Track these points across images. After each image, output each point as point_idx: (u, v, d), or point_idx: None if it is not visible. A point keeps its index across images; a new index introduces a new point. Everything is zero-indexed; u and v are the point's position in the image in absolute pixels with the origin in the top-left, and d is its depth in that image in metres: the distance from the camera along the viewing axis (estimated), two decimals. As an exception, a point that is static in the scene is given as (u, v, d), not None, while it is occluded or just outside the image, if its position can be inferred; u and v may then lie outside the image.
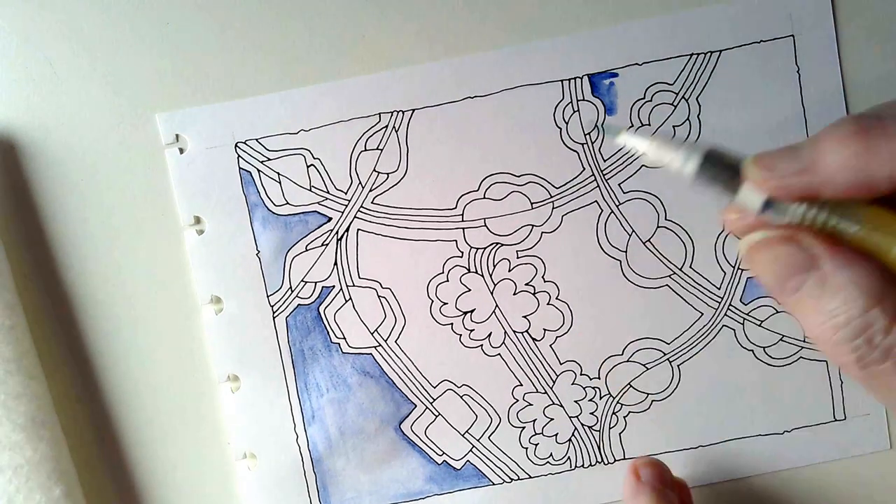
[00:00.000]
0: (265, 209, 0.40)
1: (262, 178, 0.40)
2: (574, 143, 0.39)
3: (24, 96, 0.39)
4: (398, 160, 0.40)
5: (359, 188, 0.40)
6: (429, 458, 0.41)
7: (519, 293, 0.40)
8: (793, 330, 0.40)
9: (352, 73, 0.39)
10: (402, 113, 0.39)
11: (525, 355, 0.40)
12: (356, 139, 0.40)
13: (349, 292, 0.40)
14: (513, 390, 0.41)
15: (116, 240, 0.40)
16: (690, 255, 0.40)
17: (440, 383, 0.41)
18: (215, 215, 0.40)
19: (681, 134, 0.39)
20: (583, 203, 0.40)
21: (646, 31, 0.39)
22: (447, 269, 0.40)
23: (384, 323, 0.40)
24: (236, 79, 0.39)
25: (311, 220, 0.40)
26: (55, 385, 0.40)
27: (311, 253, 0.40)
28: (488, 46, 0.39)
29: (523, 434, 0.41)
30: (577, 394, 0.41)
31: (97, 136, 0.39)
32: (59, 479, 0.38)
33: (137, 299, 0.40)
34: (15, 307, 0.38)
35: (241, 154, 0.39)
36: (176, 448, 0.41)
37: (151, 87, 0.39)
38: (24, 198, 0.39)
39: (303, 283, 0.40)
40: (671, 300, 0.40)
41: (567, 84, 0.39)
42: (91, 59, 0.39)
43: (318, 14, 0.39)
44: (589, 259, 0.40)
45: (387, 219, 0.40)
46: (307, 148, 0.39)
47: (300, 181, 0.40)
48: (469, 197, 0.40)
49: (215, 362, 0.40)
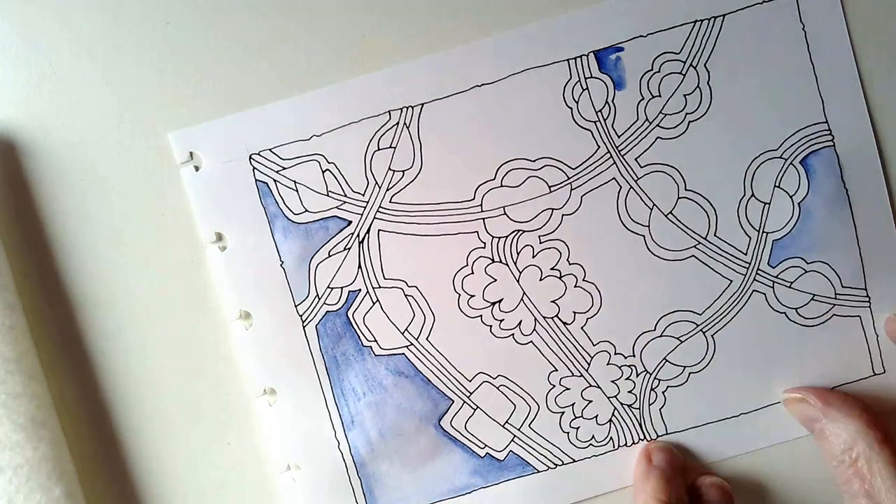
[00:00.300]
0: (285, 219, 0.39)
1: (278, 188, 0.39)
2: (586, 122, 0.39)
3: (24, 96, 0.39)
4: (412, 157, 0.39)
5: (376, 188, 0.39)
6: (472, 453, 0.41)
7: (545, 278, 0.40)
8: (823, 287, 0.40)
9: (353, 74, 0.39)
10: (411, 108, 0.39)
11: (557, 340, 0.40)
12: (368, 139, 0.39)
13: (376, 294, 0.40)
14: (548, 376, 0.40)
15: (116, 239, 0.40)
16: (714, 223, 0.39)
17: (475, 376, 0.40)
18: (236, 230, 0.39)
19: (692, 102, 0.39)
20: (601, 182, 0.40)
21: (648, 2, 0.39)
22: (471, 261, 0.40)
23: (413, 321, 0.40)
24: (236, 79, 0.39)
25: (331, 225, 0.40)
26: (55, 385, 0.40)
27: (334, 258, 0.40)
28: (490, 33, 0.39)
29: (563, 419, 0.41)
30: (614, 374, 0.40)
31: (97, 136, 0.39)
32: (59, 479, 0.38)
33: (138, 298, 0.40)
34: (15, 307, 0.38)
35: (255, 166, 0.39)
36: (176, 448, 0.40)
37: (151, 87, 0.39)
38: (24, 198, 0.39)
39: (329, 289, 0.40)
40: (699, 270, 0.40)
41: (573, 63, 0.39)
42: (91, 59, 0.39)
43: (318, 14, 0.39)
44: (612, 237, 0.40)
45: (406, 216, 0.40)
46: (321, 153, 0.39)
47: (317, 187, 0.39)
48: (486, 186, 0.40)
49: (250, 377, 0.40)
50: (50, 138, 0.39)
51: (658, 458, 0.39)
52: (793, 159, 0.39)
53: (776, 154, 0.39)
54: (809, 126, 0.39)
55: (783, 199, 0.39)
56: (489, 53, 0.39)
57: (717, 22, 0.39)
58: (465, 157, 0.39)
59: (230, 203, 0.39)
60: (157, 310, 0.40)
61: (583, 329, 0.40)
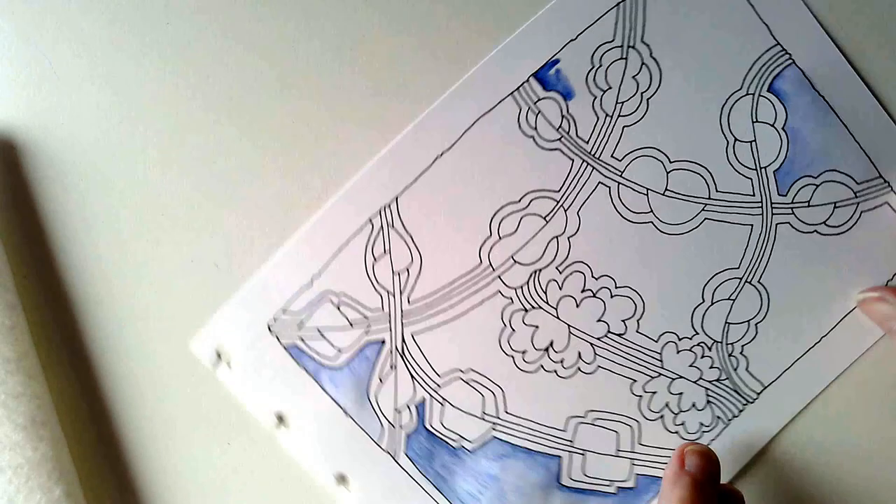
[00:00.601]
0: (327, 370, 0.39)
1: (307, 344, 0.38)
2: (551, 143, 0.39)
3: (24, 96, 0.39)
4: (408, 252, 0.39)
5: (390, 298, 0.39)
6: (604, 494, 0.40)
7: (581, 303, 0.40)
8: (841, 192, 0.40)
9: (353, 74, 0.38)
10: (387, 207, 0.38)
11: (621, 353, 0.40)
12: (363, 255, 0.38)
13: (440, 394, 0.39)
14: (631, 389, 0.40)
15: (116, 239, 0.39)
16: (711, 181, 0.39)
17: (567, 423, 0.40)
18: (291, 404, 0.39)
19: (643, 81, 0.39)
20: (589, 191, 0.39)
21: (563, 6, 0.38)
22: (506, 320, 0.39)
23: (486, 402, 0.39)
24: (237, 78, 0.38)
25: (368, 352, 0.39)
26: (55, 385, 0.39)
27: (387, 382, 0.39)
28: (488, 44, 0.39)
29: (665, 422, 0.40)
30: (688, 358, 0.40)
31: (97, 136, 0.39)
32: (59, 479, 0.37)
33: (138, 298, 0.39)
34: (15, 307, 0.38)
35: (277, 334, 0.38)
36: (176, 448, 0.40)
37: (151, 87, 0.39)
38: (24, 198, 0.39)
39: (397, 412, 0.39)
40: (717, 229, 0.40)
41: (517, 94, 0.39)
42: (91, 59, 0.38)
43: (318, 14, 0.38)
44: (623, 236, 0.39)
45: (429, 309, 0.39)
46: (327, 289, 0.38)
47: (339, 324, 0.38)
48: (487, 245, 0.39)
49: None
50: (50, 138, 0.39)
51: (691, 462, 0.37)
52: (760, 91, 0.39)
53: (742, 93, 0.39)
54: (763, 54, 0.39)
55: (767, 131, 0.39)
56: (436, 123, 0.38)
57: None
58: (457, 227, 0.39)
59: (275, 383, 0.39)
60: (157, 309, 0.39)
61: (638, 332, 0.40)
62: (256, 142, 0.39)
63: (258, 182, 0.39)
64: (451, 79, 0.38)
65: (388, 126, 0.39)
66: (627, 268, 0.40)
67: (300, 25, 0.38)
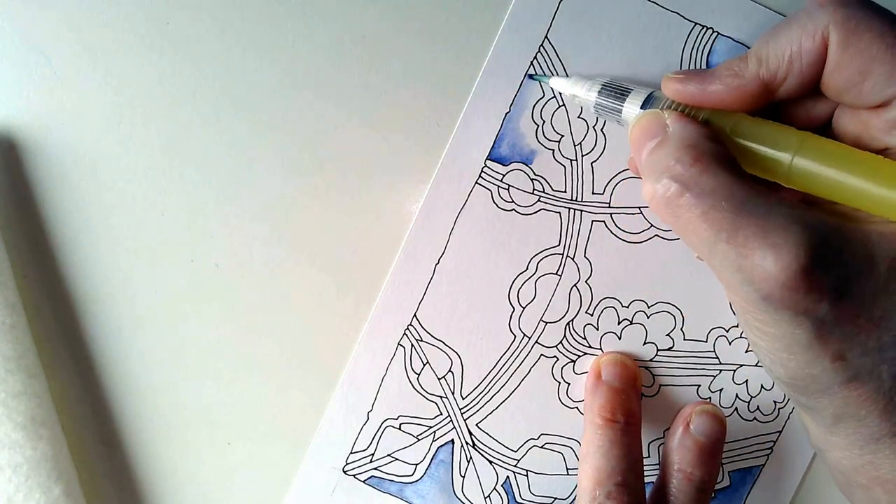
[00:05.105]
0: (410, 485, 0.40)
1: (382, 471, 0.40)
2: (532, 207, 0.39)
3: (24, 96, 0.38)
4: (445, 355, 0.39)
5: (444, 401, 0.40)
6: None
7: (623, 333, 0.39)
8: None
9: (353, 74, 0.38)
10: (409, 327, 0.39)
11: (679, 367, 0.39)
12: (404, 376, 0.40)
13: (521, 468, 0.40)
14: (698, 394, 0.40)
15: (116, 239, 0.39)
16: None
17: (649, 447, 0.40)
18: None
19: (590, 118, 0.38)
20: (586, 233, 0.39)
21: (484, 90, 0.38)
22: (558, 376, 0.40)
23: (566, 458, 0.40)
24: (237, 78, 0.38)
25: (441, 455, 0.40)
26: (55, 384, 0.40)
27: (468, 476, 0.40)
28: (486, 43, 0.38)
29: (740, 412, 0.40)
30: (741, 345, 0.39)
31: (97, 136, 0.39)
32: (58, 478, 0.37)
33: (138, 298, 0.39)
34: (15, 306, 0.38)
35: (353, 474, 0.40)
36: (176, 448, 0.40)
37: (151, 87, 0.38)
38: (24, 197, 0.39)
39: (487, 499, 0.40)
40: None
41: (482, 181, 0.38)
42: (91, 59, 0.38)
43: (318, 14, 0.38)
44: (635, 258, 0.39)
45: (484, 397, 0.40)
46: (386, 417, 0.40)
47: (406, 443, 0.40)
48: (515, 318, 0.39)
49: None
50: (50, 138, 0.39)
51: (607, 371, 0.38)
52: None
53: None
54: (687, 39, 0.37)
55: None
56: (422, 235, 0.38)
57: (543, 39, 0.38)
58: (481, 315, 0.39)
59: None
60: (157, 309, 0.39)
61: (686, 340, 0.39)
62: (256, 141, 0.39)
63: (259, 181, 0.39)
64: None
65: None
66: (652, 285, 0.39)
67: (301, 25, 0.38)
